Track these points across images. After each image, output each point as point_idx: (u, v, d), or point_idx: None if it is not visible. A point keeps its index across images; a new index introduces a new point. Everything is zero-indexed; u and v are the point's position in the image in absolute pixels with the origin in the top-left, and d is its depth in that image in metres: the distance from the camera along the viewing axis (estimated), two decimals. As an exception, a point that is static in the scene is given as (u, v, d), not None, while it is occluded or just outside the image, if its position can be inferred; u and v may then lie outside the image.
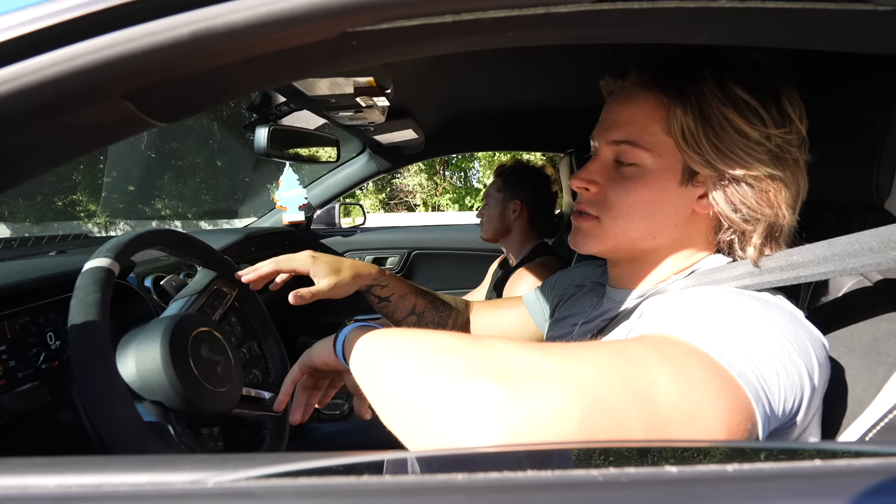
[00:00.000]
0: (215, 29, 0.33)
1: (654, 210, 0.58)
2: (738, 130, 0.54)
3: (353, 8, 0.35)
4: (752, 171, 0.54)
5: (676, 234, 0.60)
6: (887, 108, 0.59)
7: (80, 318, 0.54)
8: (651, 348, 0.40)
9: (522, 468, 0.24)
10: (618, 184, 0.59)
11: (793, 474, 0.24)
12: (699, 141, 0.54)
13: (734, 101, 0.54)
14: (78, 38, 0.33)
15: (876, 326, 0.60)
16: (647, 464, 0.25)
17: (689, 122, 0.54)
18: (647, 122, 0.57)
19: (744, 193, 0.55)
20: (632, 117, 0.58)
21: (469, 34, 0.40)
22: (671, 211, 0.58)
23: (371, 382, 0.45)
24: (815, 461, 0.24)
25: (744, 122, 0.54)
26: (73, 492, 0.24)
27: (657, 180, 0.57)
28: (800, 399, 0.44)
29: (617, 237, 0.61)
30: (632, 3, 0.38)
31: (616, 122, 0.60)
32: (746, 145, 0.54)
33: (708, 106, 0.54)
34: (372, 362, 0.46)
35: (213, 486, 0.24)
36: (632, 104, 0.59)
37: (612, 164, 0.61)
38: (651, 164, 0.57)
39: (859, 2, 0.38)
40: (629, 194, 0.58)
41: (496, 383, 0.33)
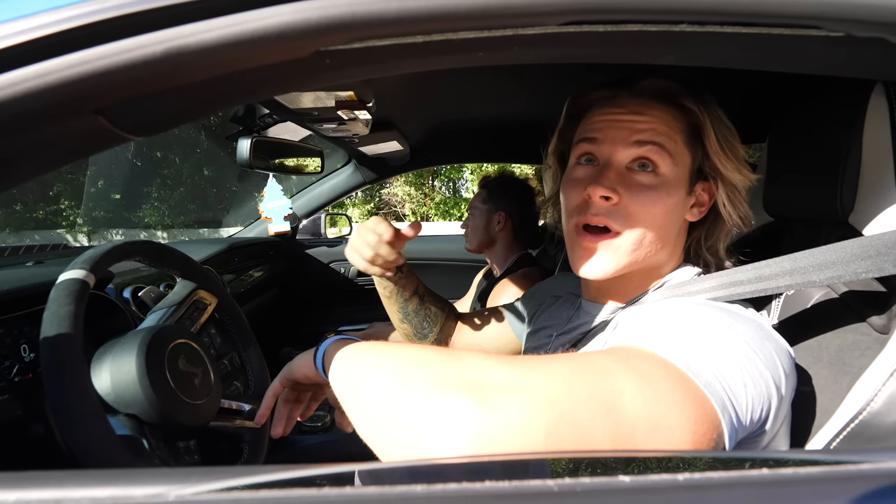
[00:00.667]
0: (188, 47, 0.34)
1: (669, 220, 0.58)
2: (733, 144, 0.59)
3: (324, 28, 0.36)
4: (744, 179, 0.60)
5: (671, 243, 0.61)
6: (849, 127, 0.62)
7: (52, 331, 0.54)
8: (619, 360, 0.41)
9: (481, 479, 0.25)
10: (640, 192, 0.56)
11: (741, 482, 0.24)
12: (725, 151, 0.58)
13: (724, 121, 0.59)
14: (49, 55, 0.33)
15: (842, 337, 0.62)
16: (601, 474, 0.25)
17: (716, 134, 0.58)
18: (671, 130, 0.57)
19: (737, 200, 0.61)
20: (655, 123, 0.57)
21: (440, 54, 0.41)
22: (676, 221, 0.59)
23: (348, 395, 0.45)
24: (762, 470, 0.25)
25: (734, 137, 0.59)
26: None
27: (675, 189, 0.57)
28: (767, 408, 0.45)
29: (634, 252, 0.57)
30: (596, 26, 0.39)
31: (635, 126, 0.57)
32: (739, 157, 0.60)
33: (716, 121, 0.58)
34: (349, 376, 0.46)
35: (174, 500, 0.24)
36: (652, 111, 0.57)
37: (626, 172, 0.58)
38: (670, 172, 0.57)
39: (812, 28, 0.40)
40: (654, 204, 0.56)
41: (465, 396, 0.34)
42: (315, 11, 0.35)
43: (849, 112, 0.62)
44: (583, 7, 0.37)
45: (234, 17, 0.35)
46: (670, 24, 0.40)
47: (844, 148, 0.63)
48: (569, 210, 0.61)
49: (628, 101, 0.59)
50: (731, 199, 0.60)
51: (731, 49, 0.42)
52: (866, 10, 0.38)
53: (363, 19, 0.36)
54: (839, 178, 0.63)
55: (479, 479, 0.24)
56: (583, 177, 0.59)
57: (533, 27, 0.39)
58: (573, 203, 0.60)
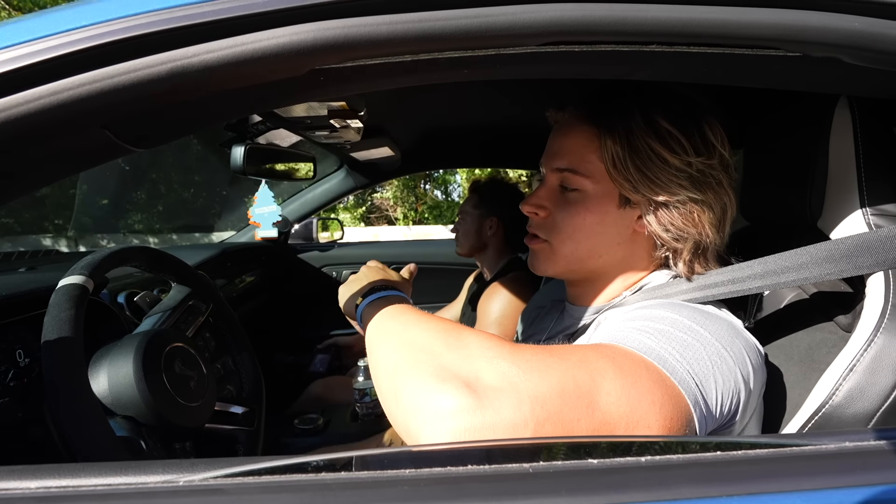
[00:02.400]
0: (191, 66, 0.37)
1: (596, 231, 0.63)
2: (661, 158, 0.59)
3: (320, 49, 0.38)
4: (676, 195, 0.59)
5: (621, 252, 0.64)
6: (816, 137, 0.65)
7: (53, 335, 0.56)
8: (608, 360, 0.44)
9: (464, 463, 0.27)
10: (563, 208, 0.63)
11: (696, 463, 0.27)
12: (627, 168, 0.59)
13: (658, 132, 0.59)
14: (61, 74, 0.35)
15: (811, 336, 0.65)
16: (573, 458, 0.28)
17: (617, 152, 0.59)
18: (585, 151, 0.61)
19: (671, 215, 0.60)
20: (571, 147, 0.63)
21: (427, 71, 0.43)
22: (613, 231, 0.63)
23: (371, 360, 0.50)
24: (716, 452, 0.28)
25: (666, 150, 0.58)
26: (53, 492, 0.26)
27: (598, 204, 0.62)
28: (736, 401, 0.48)
29: (567, 258, 0.65)
30: (572, 46, 0.42)
31: (559, 151, 0.64)
32: (669, 172, 0.59)
33: (635, 137, 0.59)
34: (372, 343, 0.52)
35: (183, 485, 0.26)
36: (571, 135, 0.63)
37: (558, 190, 0.65)
38: (591, 190, 0.61)
39: (771, 49, 0.43)
40: (573, 218, 0.62)
41: (461, 389, 0.37)
42: (311, 34, 0.38)
43: (816, 123, 0.66)
44: (559, 29, 0.40)
45: (234, 39, 0.37)
46: (641, 45, 0.43)
47: (812, 157, 0.66)
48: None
49: (561, 125, 0.66)
50: (656, 218, 0.60)
51: (697, 66, 0.46)
52: (818, 33, 0.41)
53: (355, 41, 0.39)
54: (808, 185, 0.67)
55: (462, 464, 0.27)
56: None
57: (513, 47, 0.42)
58: None
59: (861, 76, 0.47)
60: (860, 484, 0.24)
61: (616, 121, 0.60)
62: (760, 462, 0.26)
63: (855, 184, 0.61)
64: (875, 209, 0.60)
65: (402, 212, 15.10)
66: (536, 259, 0.68)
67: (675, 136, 0.58)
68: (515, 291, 1.45)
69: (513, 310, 1.42)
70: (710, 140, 0.60)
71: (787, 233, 0.77)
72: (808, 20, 0.41)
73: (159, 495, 0.26)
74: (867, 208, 0.60)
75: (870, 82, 0.49)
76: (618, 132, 0.59)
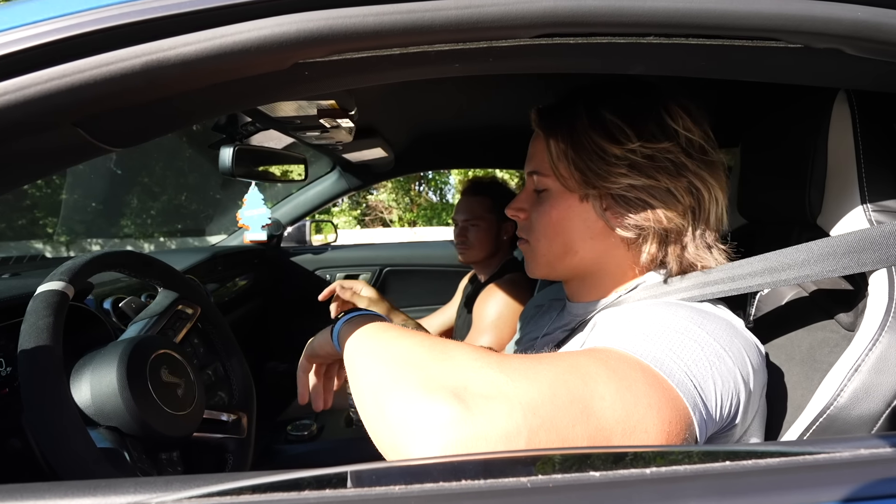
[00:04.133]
0: (168, 60, 0.35)
1: (564, 227, 0.63)
2: (601, 149, 0.58)
3: (303, 42, 0.36)
4: (617, 183, 0.58)
5: (598, 246, 0.63)
6: (815, 133, 0.64)
7: (30, 343, 0.53)
8: (600, 363, 0.42)
9: (458, 478, 0.25)
10: (536, 208, 0.66)
11: (704, 474, 0.26)
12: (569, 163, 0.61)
13: (602, 125, 0.59)
14: (28, 68, 0.33)
15: (812, 335, 0.64)
16: (573, 470, 0.26)
17: (561, 148, 0.61)
18: (543, 153, 0.64)
19: (619, 204, 0.59)
20: (533, 151, 0.67)
21: (417, 65, 0.42)
22: (581, 226, 0.63)
23: (352, 380, 0.49)
24: (724, 462, 0.26)
25: (606, 141, 0.58)
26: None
27: (561, 200, 0.63)
28: (737, 403, 0.47)
29: (545, 256, 0.66)
30: (567, 38, 0.41)
31: (529, 156, 0.68)
32: (608, 161, 0.58)
33: (577, 133, 0.60)
34: (352, 361, 0.51)
35: (155, 507, 0.24)
36: (535, 141, 0.67)
37: (534, 193, 0.68)
38: (554, 187, 0.64)
39: (772, 39, 0.42)
40: (542, 216, 0.65)
41: (450, 400, 0.35)
42: (294, 25, 0.36)
43: (814, 118, 0.65)
44: (553, 21, 0.39)
45: (213, 31, 0.35)
46: (638, 37, 0.41)
47: (811, 153, 0.65)
48: None
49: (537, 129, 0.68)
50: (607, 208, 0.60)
51: (696, 59, 0.44)
52: (821, 24, 0.40)
53: (341, 33, 0.37)
54: (807, 181, 0.66)
55: (456, 479, 0.25)
56: None
57: (506, 40, 0.40)
58: None
59: (862, 69, 0.46)
60: (883, 496, 0.23)
61: (558, 121, 0.63)
62: (773, 472, 0.25)
63: (855, 180, 0.60)
64: (876, 205, 0.59)
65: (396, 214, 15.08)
66: (525, 260, 0.71)
67: (617, 126, 0.58)
68: (512, 293, 1.43)
69: (510, 311, 1.40)
70: (668, 124, 0.58)
71: (786, 231, 0.76)
72: (811, 10, 0.40)
73: (128, 519, 0.24)
74: (868, 204, 0.59)
75: (871, 75, 0.48)
76: (560, 132, 0.62)
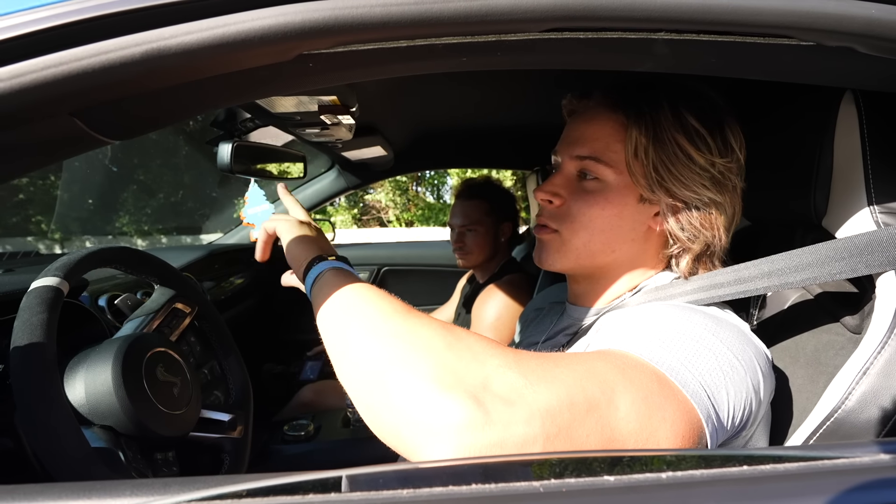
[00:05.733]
0: (169, 49, 0.34)
1: (613, 224, 0.60)
2: (686, 155, 0.57)
3: (308, 32, 0.36)
4: (698, 193, 0.58)
5: (634, 249, 0.62)
6: (821, 134, 0.64)
7: (23, 340, 0.52)
8: (617, 371, 0.41)
9: (467, 482, 0.25)
10: (580, 197, 0.60)
11: (721, 479, 0.25)
12: (649, 161, 0.57)
13: (686, 128, 0.57)
14: (23, 55, 0.32)
15: (817, 338, 0.63)
16: (587, 475, 0.25)
17: (643, 142, 0.57)
18: (611, 140, 0.59)
19: (690, 215, 0.58)
20: (595, 135, 0.60)
21: (423, 58, 0.41)
22: (629, 226, 0.60)
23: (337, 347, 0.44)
24: (742, 467, 0.26)
25: (692, 148, 0.57)
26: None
27: (618, 196, 0.59)
28: (748, 412, 0.46)
29: (578, 251, 0.61)
30: (577, 33, 0.40)
31: (580, 138, 0.61)
32: (692, 170, 0.57)
33: (662, 130, 0.57)
34: (342, 328, 0.45)
35: (154, 511, 0.23)
36: (595, 123, 0.61)
37: (575, 179, 0.62)
38: (613, 180, 0.59)
39: (784, 37, 0.41)
40: (591, 207, 0.60)
41: (468, 403, 0.33)
42: (298, 15, 0.35)
43: (820, 119, 0.64)
44: (564, 14, 0.38)
45: (216, 19, 0.34)
46: (649, 32, 0.41)
47: (817, 154, 0.65)
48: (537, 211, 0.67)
49: (584, 113, 0.63)
50: (674, 216, 0.59)
51: (707, 57, 0.44)
52: (834, 21, 0.40)
53: (347, 23, 0.36)
54: (812, 183, 0.65)
55: (465, 482, 0.24)
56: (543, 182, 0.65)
57: (515, 34, 0.39)
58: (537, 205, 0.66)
59: (874, 67, 0.46)
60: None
61: (645, 111, 0.57)
62: (792, 477, 0.24)
63: (862, 181, 0.60)
64: (883, 207, 0.58)
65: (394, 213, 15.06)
66: (545, 251, 0.64)
67: (701, 134, 0.57)
68: (512, 294, 1.43)
69: (509, 313, 1.40)
70: (730, 142, 0.58)
71: (791, 232, 0.76)
72: (824, 7, 0.39)
73: (127, 523, 0.23)
74: (875, 206, 0.58)
75: (882, 75, 0.48)
76: (645, 122, 0.57)
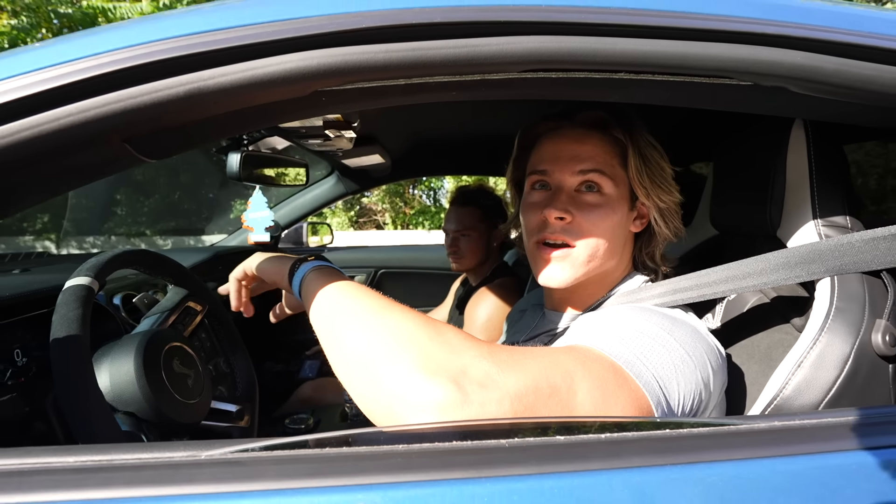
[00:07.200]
0: (207, 88, 0.41)
1: (616, 233, 0.67)
2: (660, 166, 0.67)
3: (323, 74, 0.43)
4: (672, 195, 0.68)
5: (620, 255, 0.70)
6: (775, 154, 0.71)
7: (62, 333, 0.59)
8: (578, 362, 0.48)
9: (449, 440, 0.32)
10: (588, 212, 0.65)
11: (646, 438, 0.32)
12: (642, 174, 0.66)
13: (654, 145, 0.67)
14: (89, 94, 0.39)
15: (770, 336, 0.70)
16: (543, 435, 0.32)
17: (637, 159, 0.66)
18: (608, 156, 0.67)
19: (669, 217, 0.69)
20: (593, 152, 0.66)
21: (418, 92, 0.48)
22: (622, 233, 0.68)
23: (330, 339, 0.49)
24: (665, 430, 0.33)
25: (663, 160, 0.67)
26: (90, 465, 0.30)
27: (618, 206, 0.66)
28: (698, 401, 0.53)
29: (589, 262, 0.66)
30: (550, 73, 0.47)
31: (578, 156, 0.66)
32: (665, 178, 0.67)
33: (644, 147, 0.66)
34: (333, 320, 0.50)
35: (205, 458, 0.30)
36: (590, 142, 0.67)
37: (575, 194, 0.67)
38: (613, 192, 0.66)
39: (725, 77, 0.49)
40: (602, 220, 0.65)
41: (450, 385, 0.39)
42: (315, 60, 0.42)
43: (775, 140, 0.72)
44: (538, 59, 0.45)
45: (247, 63, 0.41)
46: (611, 73, 0.48)
47: (772, 172, 0.72)
48: (529, 230, 0.70)
49: (571, 131, 0.69)
50: (662, 215, 0.68)
51: (661, 92, 0.51)
52: (767, 66, 0.47)
53: (355, 67, 0.43)
54: (768, 198, 0.73)
55: (448, 440, 0.31)
56: (538, 200, 0.68)
57: (497, 74, 0.47)
58: (533, 223, 0.68)
59: (807, 103, 0.53)
60: (774, 455, 0.29)
61: (634, 132, 0.66)
62: (699, 438, 0.31)
63: (808, 197, 0.67)
64: (826, 220, 0.66)
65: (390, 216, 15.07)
66: (561, 267, 0.66)
67: (660, 149, 0.67)
68: (502, 296, 1.49)
69: (499, 314, 1.46)
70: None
71: (752, 242, 0.83)
72: (758, 54, 0.47)
73: (184, 466, 0.30)
74: (819, 220, 0.66)
75: (815, 108, 0.55)
76: (637, 142, 0.66)
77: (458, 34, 0.44)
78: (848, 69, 0.48)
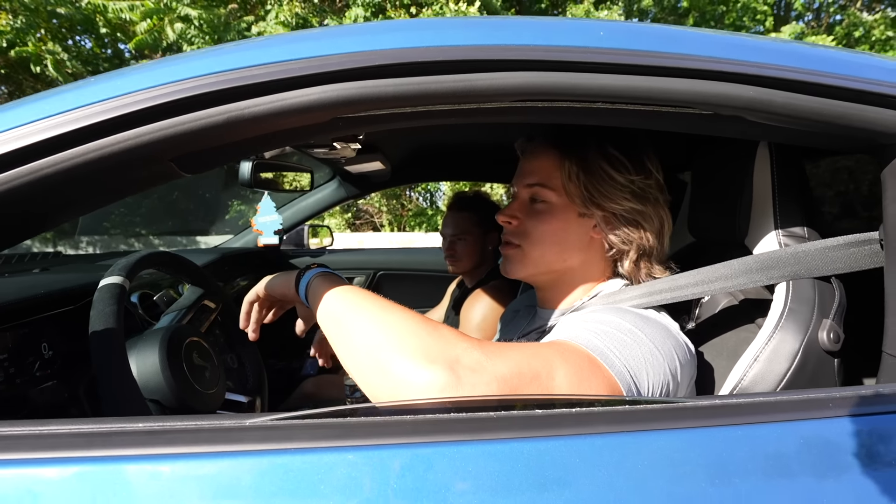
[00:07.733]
0: (243, 116, 0.48)
1: (560, 237, 0.75)
2: (609, 176, 0.73)
3: (341, 104, 0.50)
4: (622, 205, 0.73)
5: (581, 256, 0.77)
6: (743, 169, 0.79)
7: (100, 326, 0.66)
8: (557, 353, 0.55)
9: (448, 412, 0.39)
10: (533, 217, 0.76)
11: (610, 412, 0.39)
12: (580, 183, 0.73)
13: (607, 156, 0.73)
14: (142, 122, 0.46)
15: (737, 335, 0.78)
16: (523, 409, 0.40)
17: (574, 170, 0.73)
18: (551, 169, 0.75)
19: (619, 222, 0.74)
20: (539, 167, 0.77)
21: (424, 118, 0.55)
22: (574, 238, 0.76)
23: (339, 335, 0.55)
24: (624, 406, 0.40)
25: (613, 170, 0.73)
26: (156, 429, 0.37)
27: (561, 213, 0.75)
28: (666, 390, 0.59)
29: (536, 261, 0.76)
30: (536, 102, 0.55)
31: (529, 171, 0.78)
32: (615, 187, 0.73)
33: (588, 159, 0.73)
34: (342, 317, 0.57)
35: (249, 424, 0.37)
36: (539, 158, 0.77)
37: (528, 203, 0.78)
38: (556, 201, 0.75)
39: (688, 107, 0.56)
40: (542, 224, 0.75)
41: (447, 371, 0.46)
42: (335, 92, 0.49)
43: (744, 158, 0.80)
44: (526, 91, 0.53)
45: (277, 95, 0.48)
46: (590, 103, 0.55)
47: (741, 186, 0.80)
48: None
49: (531, 151, 0.80)
50: (608, 222, 0.75)
51: (634, 118, 0.58)
52: (722, 98, 0.54)
53: (369, 98, 0.50)
54: (738, 209, 0.80)
55: (447, 412, 0.39)
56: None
57: (491, 103, 0.54)
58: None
59: (762, 128, 0.60)
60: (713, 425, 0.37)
61: (574, 146, 0.74)
62: (653, 412, 0.38)
63: (771, 209, 0.75)
64: (786, 231, 0.73)
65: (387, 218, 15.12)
66: (509, 263, 0.80)
67: (620, 160, 0.73)
68: (496, 298, 1.56)
69: (493, 315, 1.53)
70: (646, 165, 0.75)
71: (725, 249, 0.91)
72: (714, 88, 0.54)
73: (232, 430, 0.37)
74: (780, 230, 0.73)
75: (771, 133, 0.63)
76: (575, 155, 0.74)
77: (456, 70, 0.51)
78: (796, 102, 0.56)
